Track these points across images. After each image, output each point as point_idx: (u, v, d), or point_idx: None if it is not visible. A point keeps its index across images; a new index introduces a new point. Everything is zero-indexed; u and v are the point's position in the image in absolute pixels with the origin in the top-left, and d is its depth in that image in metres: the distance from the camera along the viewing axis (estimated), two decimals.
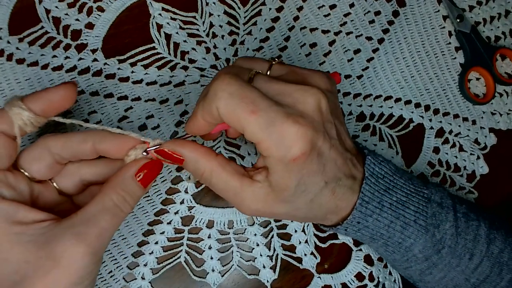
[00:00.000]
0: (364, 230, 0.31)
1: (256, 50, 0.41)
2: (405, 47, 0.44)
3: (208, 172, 0.28)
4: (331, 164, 0.28)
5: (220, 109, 0.25)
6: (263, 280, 0.38)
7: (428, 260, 0.32)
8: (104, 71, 0.38)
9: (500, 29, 0.47)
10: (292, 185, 0.27)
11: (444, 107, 0.44)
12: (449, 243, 0.32)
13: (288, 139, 0.25)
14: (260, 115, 0.25)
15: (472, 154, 0.43)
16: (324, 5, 0.43)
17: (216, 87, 0.25)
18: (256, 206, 0.28)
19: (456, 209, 0.33)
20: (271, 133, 0.25)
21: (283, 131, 0.25)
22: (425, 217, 0.31)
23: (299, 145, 0.25)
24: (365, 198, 0.30)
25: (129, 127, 0.38)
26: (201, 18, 0.41)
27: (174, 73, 0.40)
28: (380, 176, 0.31)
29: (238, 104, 0.25)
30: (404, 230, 0.31)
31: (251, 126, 0.25)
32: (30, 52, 0.38)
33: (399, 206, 0.31)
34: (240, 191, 0.28)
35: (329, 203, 0.29)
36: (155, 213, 0.37)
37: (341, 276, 0.39)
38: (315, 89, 0.27)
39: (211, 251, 0.37)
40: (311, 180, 0.27)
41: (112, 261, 0.36)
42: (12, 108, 0.25)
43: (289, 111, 0.25)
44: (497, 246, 0.33)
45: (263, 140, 0.25)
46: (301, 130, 0.25)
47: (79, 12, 0.39)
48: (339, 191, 0.29)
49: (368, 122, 0.42)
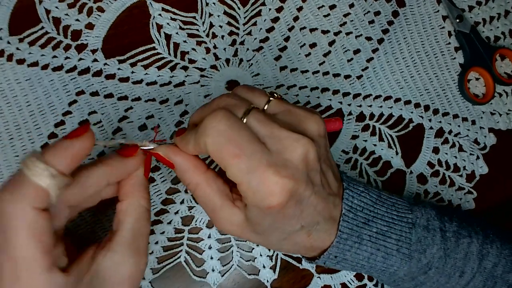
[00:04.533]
0: (343, 263, 0.31)
1: (256, 50, 0.41)
2: (404, 47, 0.44)
3: (193, 184, 0.29)
4: (310, 209, 0.27)
5: (207, 146, 0.25)
6: (263, 280, 0.38)
7: (415, 280, 0.32)
8: (104, 71, 0.39)
9: (500, 29, 0.47)
10: (266, 224, 0.27)
11: (443, 107, 0.44)
12: (436, 264, 0.32)
13: (266, 188, 0.25)
14: (242, 160, 0.25)
15: (472, 154, 0.43)
16: (323, 6, 0.43)
17: (207, 123, 0.25)
18: (230, 228, 0.29)
19: (445, 229, 0.33)
20: (250, 180, 0.25)
21: (263, 180, 0.25)
22: (409, 244, 0.31)
23: (276, 197, 0.25)
24: (343, 236, 0.30)
25: (129, 127, 0.38)
26: (201, 19, 0.41)
27: (174, 73, 0.40)
28: (359, 208, 0.30)
29: (223, 145, 0.25)
30: (386, 260, 0.31)
31: (232, 169, 0.25)
32: (31, 52, 0.38)
33: (379, 237, 0.31)
34: (219, 210, 0.28)
35: (304, 242, 0.29)
36: (155, 213, 0.37)
37: (340, 276, 0.39)
38: (306, 140, 0.26)
39: (211, 251, 0.37)
40: (286, 223, 0.27)
41: None
42: (45, 178, 0.21)
43: (273, 160, 0.25)
44: (490, 260, 0.33)
45: (242, 184, 0.25)
46: (281, 182, 0.25)
47: (79, 12, 0.39)
48: (315, 234, 0.29)
49: (368, 122, 0.42)
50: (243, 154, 0.25)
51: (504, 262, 0.33)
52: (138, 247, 0.28)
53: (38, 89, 0.37)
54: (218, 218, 0.29)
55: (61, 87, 0.38)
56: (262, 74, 0.41)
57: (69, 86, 0.38)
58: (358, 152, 0.42)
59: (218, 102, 0.28)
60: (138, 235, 0.28)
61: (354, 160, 0.41)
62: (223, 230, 0.29)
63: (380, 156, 0.42)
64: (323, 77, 0.42)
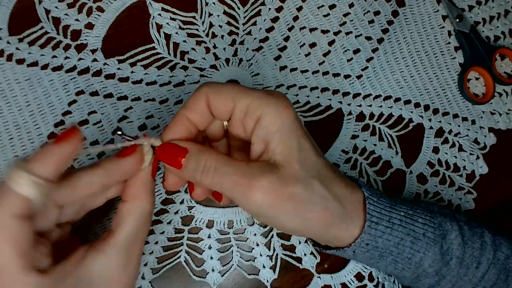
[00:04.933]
0: (373, 251, 0.30)
1: (255, 50, 0.41)
2: (404, 47, 0.44)
3: (212, 159, 0.26)
4: (317, 149, 0.29)
5: (209, 92, 0.27)
6: (263, 280, 0.38)
7: (438, 274, 0.32)
8: (104, 71, 0.39)
9: (500, 28, 0.47)
10: (295, 147, 0.27)
11: (443, 107, 0.44)
12: (456, 253, 0.31)
13: (274, 93, 0.28)
14: (245, 86, 0.28)
15: (472, 154, 0.43)
16: (323, 5, 0.43)
17: (202, 84, 0.28)
18: (269, 179, 0.25)
19: (458, 218, 0.33)
20: (259, 91, 0.27)
21: (267, 91, 0.28)
22: (433, 228, 0.31)
23: (285, 98, 0.28)
24: (373, 219, 0.29)
25: (129, 127, 0.38)
26: (200, 18, 0.41)
27: (173, 73, 0.40)
28: (378, 194, 0.30)
29: (224, 85, 0.28)
30: (413, 245, 0.30)
31: (240, 90, 0.27)
32: (30, 52, 0.38)
33: (408, 221, 0.30)
34: (247, 167, 0.26)
35: (337, 179, 0.29)
36: (155, 213, 0.37)
37: (340, 276, 0.39)
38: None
39: (211, 251, 0.37)
40: (308, 145, 0.28)
41: None
42: (34, 192, 0.22)
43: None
44: (503, 252, 0.33)
45: (254, 98, 0.27)
46: (280, 93, 0.28)
47: (79, 12, 0.39)
48: (338, 172, 0.29)
49: (367, 122, 0.42)
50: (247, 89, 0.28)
51: None
52: (132, 252, 0.27)
53: (38, 89, 0.37)
54: (250, 178, 0.26)
55: (60, 87, 0.38)
56: (261, 73, 0.41)
57: (69, 86, 0.38)
58: (358, 152, 0.42)
59: None
60: (135, 239, 0.27)
61: (354, 160, 0.41)
62: (256, 206, 0.26)
63: (380, 156, 0.42)
64: (322, 77, 0.42)
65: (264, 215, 0.27)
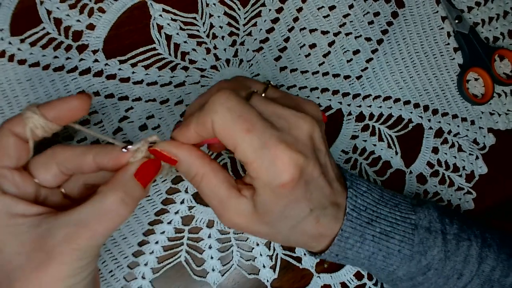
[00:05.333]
0: (343, 260, 0.31)
1: (256, 51, 0.41)
2: (404, 47, 0.44)
3: (199, 175, 0.27)
4: (318, 192, 0.28)
5: (215, 123, 0.25)
6: (263, 280, 0.38)
7: (413, 280, 0.32)
8: (105, 71, 0.39)
9: (499, 29, 0.47)
10: (276, 211, 0.27)
11: (443, 107, 0.44)
12: (436, 266, 0.32)
13: (279, 164, 0.25)
14: (255, 134, 0.24)
15: (471, 154, 0.44)
16: (323, 6, 0.43)
17: (215, 100, 0.25)
18: (237, 220, 0.28)
19: (446, 232, 0.32)
20: (263, 156, 0.25)
21: (275, 155, 0.25)
22: (411, 245, 0.31)
23: (290, 171, 0.25)
24: (344, 234, 0.29)
25: (130, 127, 0.38)
26: (201, 19, 0.41)
27: (174, 74, 0.40)
28: (362, 208, 0.30)
29: (234, 120, 0.24)
30: (386, 260, 0.31)
31: (244, 145, 0.25)
32: (32, 53, 0.38)
33: (382, 237, 0.30)
34: (225, 200, 0.27)
35: (312, 230, 0.29)
36: (156, 212, 0.37)
37: (340, 275, 0.39)
38: (309, 118, 0.27)
39: (211, 250, 0.37)
40: (296, 206, 0.27)
41: (112, 261, 0.36)
42: (26, 111, 0.26)
43: (283, 136, 0.25)
44: (488, 264, 0.33)
45: (254, 161, 0.25)
46: (293, 157, 0.25)
47: (80, 13, 0.39)
48: (324, 219, 0.29)
49: (367, 122, 0.42)
50: (255, 128, 0.25)
51: (502, 266, 0.33)
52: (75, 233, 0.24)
53: (39, 89, 0.37)
54: (225, 210, 0.28)
55: (62, 88, 0.38)
56: (262, 74, 0.41)
57: (70, 86, 0.38)
58: (358, 152, 0.42)
59: (218, 86, 0.28)
60: (83, 225, 0.25)
61: (354, 160, 0.41)
62: (230, 223, 0.28)
63: (380, 156, 0.42)
64: (322, 78, 0.42)
65: None
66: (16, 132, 0.26)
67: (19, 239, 0.24)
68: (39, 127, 0.27)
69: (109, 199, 0.25)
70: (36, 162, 0.28)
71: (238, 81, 0.30)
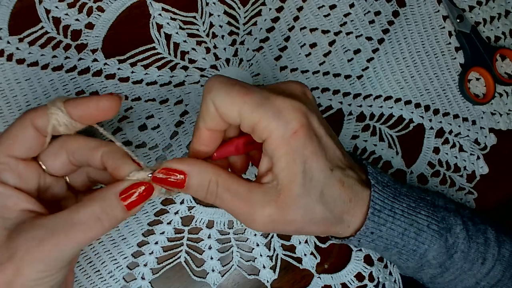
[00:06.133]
0: (378, 241, 0.30)
1: (256, 50, 0.41)
2: (405, 47, 0.44)
3: (213, 182, 0.26)
4: (331, 151, 0.27)
5: (215, 102, 0.25)
6: (263, 280, 0.38)
7: (441, 267, 0.32)
8: (104, 71, 0.38)
9: (500, 29, 0.47)
10: (299, 171, 0.26)
11: (444, 107, 0.44)
12: (462, 247, 0.31)
13: (284, 112, 0.25)
14: (254, 94, 0.25)
15: (472, 154, 0.43)
16: (324, 5, 0.43)
17: (208, 84, 0.26)
18: (268, 211, 0.26)
19: (462, 214, 0.33)
20: (267, 109, 0.25)
21: (279, 105, 0.25)
22: (437, 221, 0.31)
23: (297, 117, 0.25)
24: (376, 207, 0.29)
25: (129, 127, 0.38)
26: (201, 18, 0.41)
27: (174, 73, 0.40)
28: (384, 184, 0.30)
29: (231, 90, 0.25)
30: (418, 237, 0.30)
31: (246, 107, 0.25)
32: (30, 52, 0.38)
33: (411, 212, 0.30)
34: (249, 196, 0.26)
35: (342, 195, 0.28)
36: (155, 213, 0.37)
37: (341, 276, 0.39)
38: (297, 82, 0.29)
39: (211, 251, 0.37)
40: (316, 165, 0.26)
41: (112, 261, 0.36)
42: (52, 107, 0.26)
43: (280, 92, 0.26)
44: (507, 249, 0.33)
45: (260, 119, 0.25)
46: (296, 105, 0.25)
47: (79, 12, 0.39)
48: (348, 182, 0.28)
49: (368, 122, 0.42)
50: (252, 91, 0.25)
51: None
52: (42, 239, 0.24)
53: (38, 89, 0.37)
54: (253, 205, 0.26)
55: (61, 87, 0.38)
56: (262, 74, 0.41)
57: (69, 86, 0.38)
58: (359, 152, 0.42)
59: None
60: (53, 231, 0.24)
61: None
62: (264, 220, 0.26)
63: (381, 156, 0.42)
64: (323, 77, 0.42)
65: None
66: (37, 125, 0.26)
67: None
68: (62, 125, 0.26)
69: (83, 211, 0.24)
70: (47, 149, 0.27)
71: None
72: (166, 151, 0.38)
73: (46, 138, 0.26)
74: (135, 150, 0.38)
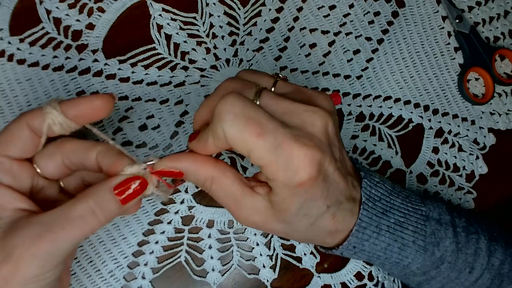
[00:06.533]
0: (360, 253, 0.31)
1: (256, 50, 0.41)
2: (404, 47, 0.44)
3: (209, 180, 0.27)
4: (334, 187, 0.27)
5: (225, 133, 0.24)
6: (263, 280, 0.38)
7: (426, 274, 0.32)
8: (105, 71, 0.39)
9: (499, 29, 0.47)
10: (294, 209, 0.26)
11: (443, 107, 0.44)
12: (449, 259, 0.32)
13: (295, 162, 0.24)
14: (267, 137, 0.24)
15: (471, 154, 0.43)
16: (323, 6, 0.43)
17: (221, 109, 0.24)
18: (253, 218, 0.27)
19: (455, 224, 0.33)
20: (278, 156, 0.24)
21: (291, 154, 0.24)
22: (424, 236, 0.31)
23: (307, 170, 0.24)
24: (362, 224, 0.29)
25: (130, 127, 0.38)
26: (201, 19, 0.41)
27: (174, 74, 0.40)
28: (377, 198, 0.30)
29: (243, 127, 0.24)
30: (402, 251, 0.31)
31: (257, 150, 0.24)
32: (31, 52, 0.38)
33: (397, 228, 0.30)
34: (239, 199, 0.27)
35: (329, 226, 0.29)
36: (155, 212, 0.37)
37: (340, 275, 0.39)
38: (323, 112, 0.26)
39: (211, 250, 0.37)
40: (313, 204, 0.27)
41: (112, 261, 0.36)
42: (47, 106, 0.26)
43: (297, 133, 0.25)
44: (497, 258, 0.33)
45: (270, 164, 0.24)
46: (309, 154, 0.24)
47: (80, 12, 0.39)
48: (340, 214, 0.29)
49: (367, 122, 0.42)
50: (266, 132, 0.24)
51: (510, 260, 0.33)
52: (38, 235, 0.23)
53: (39, 89, 0.37)
54: (240, 209, 0.27)
55: (61, 87, 0.38)
56: None
57: (70, 86, 0.38)
58: (358, 152, 0.42)
59: (224, 87, 0.28)
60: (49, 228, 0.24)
61: (354, 160, 0.41)
62: (247, 222, 0.28)
63: (380, 156, 0.42)
64: (323, 77, 0.42)
65: None
66: (32, 126, 0.26)
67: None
68: (57, 124, 0.26)
69: (79, 206, 0.24)
70: (42, 150, 0.27)
71: (244, 77, 0.29)
72: (166, 151, 0.38)
73: (41, 139, 0.27)
74: (136, 150, 0.38)
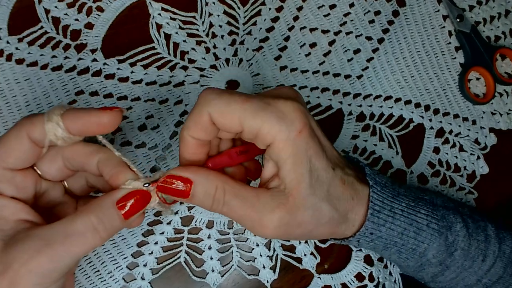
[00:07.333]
0: (377, 240, 0.31)
1: (255, 50, 0.41)
2: (405, 47, 0.44)
3: (220, 188, 0.26)
4: (330, 151, 0.28)
5: (213, 113, 0.25)
6: (263, 281, 0.38)
7: (442, 265, 0.32)
8: (104, 71, 0.38)
9: (500, 28, 0.46)
10: (305, 171, 0.26)
11: (444, 107, 0.44)
12: (462, 245, 0.31)
13: (287, 113, 0.25)
14: (254, 100, 0.25)
15: (472, 154, 0.43)
16: (324, 5, 0.43)
17: (204, 97, 0.25)
18: (278, 215, 0.26)
19: (461, 211, 0.33)
20: (269, 113, 0.25)
21: (280, 107, 0.25)
22: (437, 219, 0.31)
23: (299, 117, 0.25)
24: (375, 207, 0.29)
25: (129, 127, 0.38)
26: (200, 18, 0.41)
27: (173, 73, 0.39)
28: (382, 184, 0.30)
29: (230, 99, 0.25)
30: (417, 236, 0.30)
31: (247, 113, 0.25)
32: (30, 52, 0.37)
33: (410, 211, 0.30)
34: (257, 201, 0.26)
35: (345, 193, 0.28)
36: (155, 213, 0.37)
37: (341, 276, 0.39)
38: (289, 87, 0.29)
39: (211, 251, 0.37)
40: (319, 164, 0.26)
41: (111, 262, 0.36)
42: (48, 123, 0.25)
43: (277, 95, 0.27)
44: (508, 245, 0.33)
45: (263, 123, 0.25)
46: (295, 105, 0.26)
47: (79, 12, 0.39)
48: (348, 180, 0.28)
49: (368, 122, 0.42)
50: (250, 97, 0.25)
51: None
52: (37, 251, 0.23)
53: (37, 89, 0.37)
54: (261, 212, 0.26)
55: (60, 87, 0.38)
56: (262, 74, 0.41)
57: (69, 86, 0.38)
58: (358, 152, 0.41)
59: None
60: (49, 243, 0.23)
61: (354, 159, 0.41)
62: (273, 225, 0.26)
63: (381, 156, 0.42)
64: (323, 77, 0.42)
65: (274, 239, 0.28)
66: (33, 137, 0.25)
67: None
68: (60, 139, 0.25)
69: (79, 221, 0.23)
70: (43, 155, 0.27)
71: None
72: (165, 151, 0.38)
73: (43, 149, 0.26)
74: (135, 150, 0.38)
